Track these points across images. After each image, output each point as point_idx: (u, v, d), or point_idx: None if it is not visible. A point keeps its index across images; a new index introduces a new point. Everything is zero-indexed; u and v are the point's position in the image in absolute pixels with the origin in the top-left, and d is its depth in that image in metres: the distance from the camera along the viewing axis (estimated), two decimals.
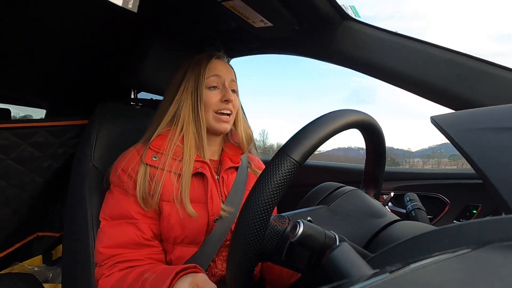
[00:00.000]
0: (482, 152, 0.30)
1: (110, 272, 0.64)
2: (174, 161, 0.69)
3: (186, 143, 0.70)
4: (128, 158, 0.69)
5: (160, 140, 0.70)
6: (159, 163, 0.68)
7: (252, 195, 0.36)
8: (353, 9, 0.84)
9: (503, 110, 0.36)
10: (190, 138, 0.71)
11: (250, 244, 0.36)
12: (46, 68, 1.06)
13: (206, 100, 0.73)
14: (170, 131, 0.72)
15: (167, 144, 0.69)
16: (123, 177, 0.67)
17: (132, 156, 0.69)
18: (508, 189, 0.27)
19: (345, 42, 0.85)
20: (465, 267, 0.17)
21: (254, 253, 0.36)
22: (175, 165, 0.68)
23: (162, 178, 0.66)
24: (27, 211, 1.00)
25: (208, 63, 0.74)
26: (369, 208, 0.48)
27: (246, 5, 0.75)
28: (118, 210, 0.67)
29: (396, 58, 0.79)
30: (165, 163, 0.67)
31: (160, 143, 0.70)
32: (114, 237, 0.66)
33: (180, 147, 0.70)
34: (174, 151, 0.69)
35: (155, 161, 0.68)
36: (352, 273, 0.26)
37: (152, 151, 0.69)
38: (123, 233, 0.66)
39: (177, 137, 0.70)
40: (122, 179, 0.67)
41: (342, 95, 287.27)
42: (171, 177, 0.67)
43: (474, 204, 0.86)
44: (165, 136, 0.71)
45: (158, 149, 0.69)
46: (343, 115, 0.42)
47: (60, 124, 0.97)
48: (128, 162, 0.68)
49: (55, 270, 1.09)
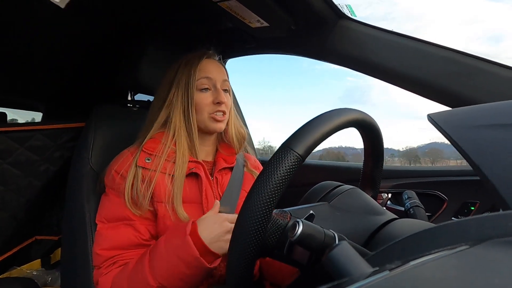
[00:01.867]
0: (479, 148, 0.31)
1: (108, 270, 0.64)
2: (168, 163, 0.69)
3: (179, 147, 0.70)
4: (121, 160, 0.69)
5: (153, 143, 0.70)
6: (152, 165, 0.67)
7: (256, 187, 0.36)
8: (349, 8, 0.84)
9: (499, 106, 0.37)
10: (183, 142, 0.71)
11: (252, 237, 0.36)
12: (42, 71, 1.05)
13: (198, 102, 0.72)
14: (163, 135, 0.72)
15: (161, 147, 0.69)
16: (117, 179, 0.67)
17: (126, 158, 0.69)
18: (506, 185, 0.27)
19: (341, 41, 0.86)
20: (464, 264, 0.18)
21: (256, 247, 0.36)
22: (169, 167, 0.68)
23: (154, 179, 0.66)
24: (24, 215, 1.00)
25: (198, 64, 0.73)
26: (369, 206, 0.49)
27: (242, 5, 0.75)
28: (114, 212, 0.67)
29: (392, 56, 0.79)
30: (158, 165, 0.67)
31: (154, 146, 0.70)
32: (112, 239, 0.65)
33: (173, 150, 0.70)
34: (168, 153, 0.69)
35: (148, 163, 0.68)
36: (351, 271, 0.26)
37: (145, 154, 0.69)
38: (121, 235, 0.65)
39: (170, 141, 0.70)
40: (116, 181, 0.67)
41: (338, 94, 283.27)
42: (165, 178, 0.67)
43: (472, 200, 0.87)
44: (158, 139, 0.71)
45: (151, 152, 0.69)
46: (345, 113, 0.42)
47: (57, 127, 0.97)
48: (121, 164, 0.68)
49: (54, 273, 1.08)
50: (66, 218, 0.80)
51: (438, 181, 0.94)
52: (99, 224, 0.68)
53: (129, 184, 0.65)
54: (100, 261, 0.65)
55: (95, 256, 0.66)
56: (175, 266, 0.57)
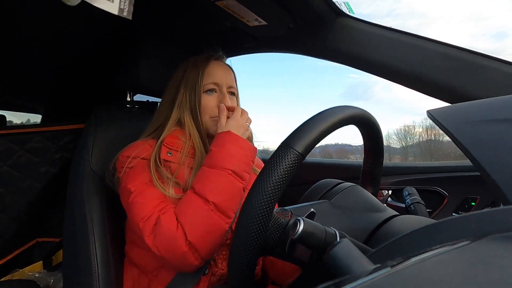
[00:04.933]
0: (479, 144, 0.31)
1: (165, 210, 0.60)
2: (187, 158, 0.70)
3: (196, 144, 0.72)
4: (140, 149, 0.68)
5: (173, 139, 0.72)
6: (174, 158, 0.69)
7: (256, 186, 0.36)
8: (347, 5, 0.84)
9: (499, 101, 0.37)
10: (197, 141, 0.73)
11: (253, 236, 0.36)
12: (41, 72, 1.05)
13: (203, 104, 0.74)
14: (181, 132, 0.74)
15: (181, 143, 0.71)
16: (134, 161, 0.66)
17: (144, 148, 0.69)
18: (506, 180, 0.27)
19: (340, 38, 0.85)
20: (465, 259, 0.18)
21: (257, 246, 0.36)
22: (188, 161, 0.70)
23: (177, 171, 0.67)
24: (25, 217, 1.00)
25: (205, 66, 0.74)
26: (369, 202, 0.49)
27: (241, 4, 0.75)
28: (144, 178, 0.64)
29: (391, 53, 0.79)
30: (181, 159, 0.69)
31: (174, 141, 0.71)
32: (150, 197, 0.62)
33: (192, 146, 0.72)
34: (188, 150, 0.71)
35: (170, 156, 0.69)
36: (353, 268, 0.26)
37: (166, 148, 0.70)
38: (156, 191, 0.63)
39: (188, 139, 0.73)
40: (133, 163, 0.66)
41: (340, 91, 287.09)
42: (184, 170, 0.69)
43: (473, 196, 0.87)
44: (176, 135, 0.73)
45: (172, 146, 0.70)
46: (344, 111, 0.42)
47: (57, 129, 0.97)
48: (140, 152, 0.68)
49: (56, 275, 1.08)
50: (67, 219, 0.80)
51: (438, 177, 0.94)
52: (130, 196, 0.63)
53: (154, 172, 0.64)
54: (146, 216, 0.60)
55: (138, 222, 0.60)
56: (242, 150, 0.64)
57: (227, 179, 0.60)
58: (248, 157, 0.64)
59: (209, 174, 0.61)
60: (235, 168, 0.61)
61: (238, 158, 0.63)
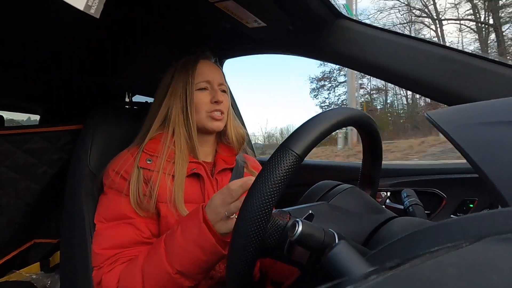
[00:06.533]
0: (477, 146, 0.31)
1: (111, 268, 0.62)
2: (168, 163, 0.69)
3: (178, 146, 0.70)
4: (121, 161, 0.68)
5: (154, 144, 0.70)
6: (154, 166, 0.67)
7: (255, 188, 0.36)
8: (346, 7, 0.84)
9: (497, 104, 0.37)
10: (182, 141, 0.71)
11: (251, 237, 0.36)
12: (39, 73, 1.05)
13: (196, 101, 0.73)
14: (163, 135, 0.72)
15: (161, 147, 0.69)
16: (116, 178, 0.67)
17: (126, 159, 0.69)
18: (504, 182, 0.27)
19: (339, 40, 0.86)
20: (463, 261, 0.18)
21: (256, 247, 0.36)
22: (169, 167, 0.68)
23: (158, 180, 0.66)
24: (23, 219, 0.99)
25: (194, 67, 0.74)
26: (368, 204, 0.49)
27: (240, 5, 0.75)
28: (114, 211, 0.66)
29: (389, 55, 0.79)
30: (160, 166, 0.67)
31: (154, 147, 0.70)
32: (112, 238, 0.65)
33: (173, 150, 0.70)
34: (168, 154, 0.69)
35: (149, 164, 0.68)
36: (351, 270, 0.26)
37: (146, 155, 0.69)
38: (122, 234, 0.65)
39: (170, 140, 0.71)
40: (115, 180, 0.67)
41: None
42: (165, 178, 0.67)
43: (471, 198, 0.87)
44: (158, 139, 0.71)
45: (152, 153, 0.69)
46: (342, 113, 0.42)
47: (55, 130, 0.96)
48: (122, 164, 0.68)
49: (53, 277, 1.08)
50: (65, 221, 0.80)
51: (436, 179, 0.95)
52: (98, 224, 0.67)
53: (134, 186, 0.65)
54: (101, 260, 0.64)
55: (94, 256, 0.65)
56: (193, 253, 0.56)
57: (170, 277, 0.57)
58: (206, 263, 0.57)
59: (174, 247, 0.58)
60: (184, 270, 0.57)
61: (193, 259, 0.56)
